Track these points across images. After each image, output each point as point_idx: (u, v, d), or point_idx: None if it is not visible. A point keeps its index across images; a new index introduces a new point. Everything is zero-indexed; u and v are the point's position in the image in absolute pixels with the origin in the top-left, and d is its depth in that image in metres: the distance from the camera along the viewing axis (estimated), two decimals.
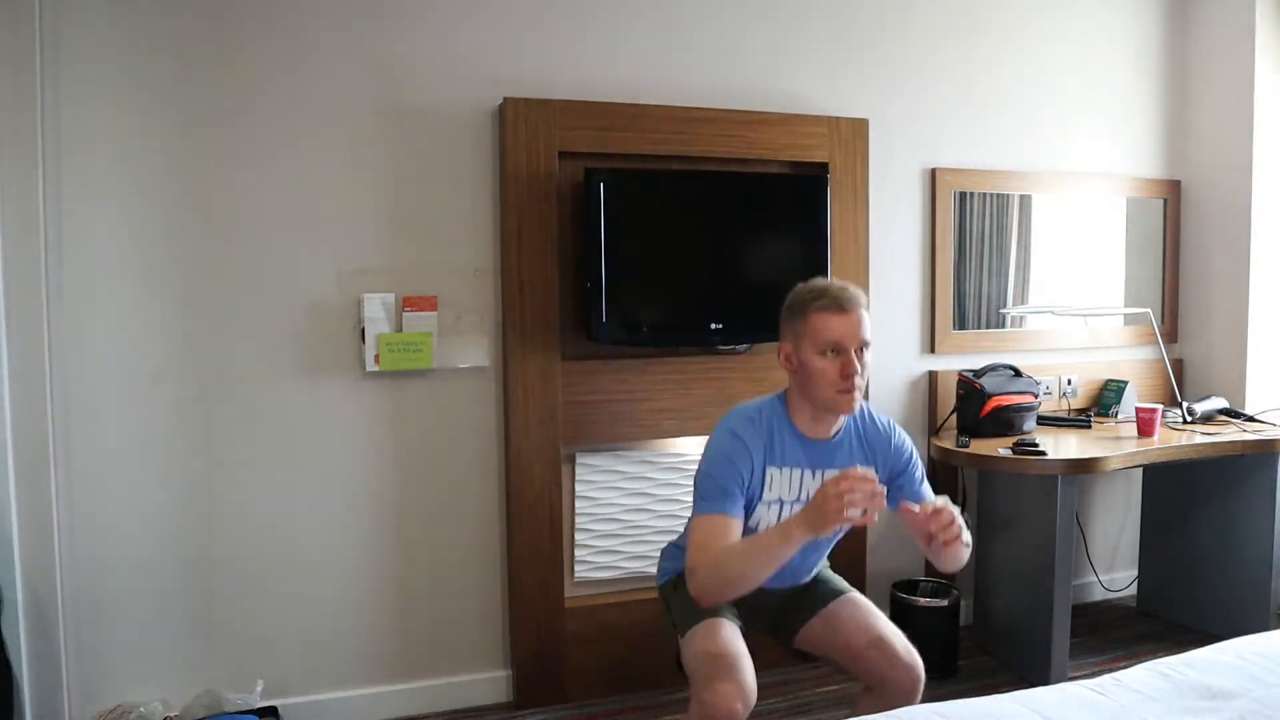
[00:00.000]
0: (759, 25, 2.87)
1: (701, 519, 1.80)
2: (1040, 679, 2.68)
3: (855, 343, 1.79)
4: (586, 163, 2.61)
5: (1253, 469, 3.01)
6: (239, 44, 2.40)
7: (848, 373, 1.78)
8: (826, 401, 1.82)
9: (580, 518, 2.75)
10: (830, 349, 1.78)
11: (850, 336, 1.78)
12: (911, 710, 1.52)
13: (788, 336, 1.87)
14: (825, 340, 1.78)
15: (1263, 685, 1.59)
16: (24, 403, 2.24)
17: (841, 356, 1.78)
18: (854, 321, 1.79)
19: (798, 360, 1.83)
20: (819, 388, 1.81)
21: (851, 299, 1.80)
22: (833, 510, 1.58)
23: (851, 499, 1.56)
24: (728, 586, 1.75)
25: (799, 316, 1.83)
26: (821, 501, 1.61)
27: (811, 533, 1.64)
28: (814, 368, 1.80)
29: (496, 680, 2.73)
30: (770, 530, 1.74)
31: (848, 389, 1.79)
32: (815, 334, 1.79)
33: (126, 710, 2.31)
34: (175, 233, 2.38)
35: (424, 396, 2.61)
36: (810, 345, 1.80)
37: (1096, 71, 3.36)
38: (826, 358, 1.79)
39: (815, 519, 1.62)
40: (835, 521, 1.59)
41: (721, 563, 1.74)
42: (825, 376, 1.79)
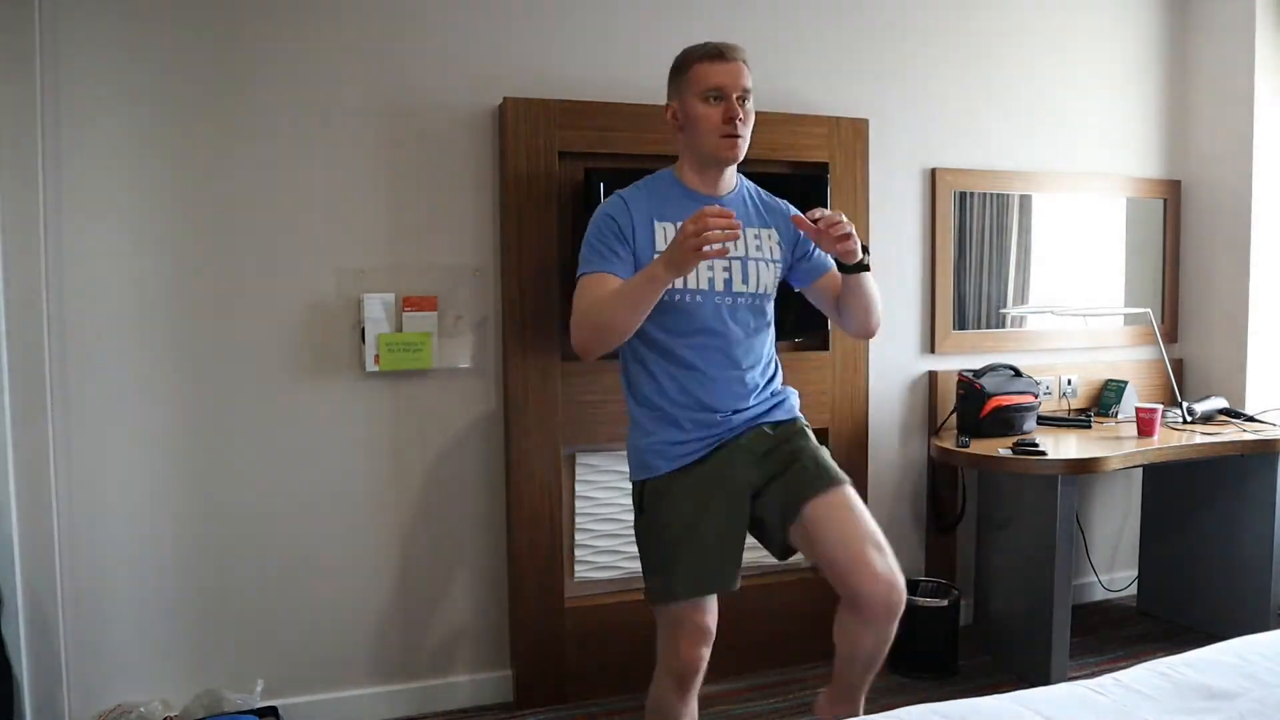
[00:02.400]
0: (759, 25, 2.87)
1: (582, 280, 1.83)
2: (1040, 679, 2.69)
3: (737, 89, 1.82)
4: (586, 163, 2.61)
5: (1253, 469, 3.01)
6: (238, 44, 2.40)
7: (730, 116, 1.80)
8: (711, 148, 1.84)
9: (580, 518, 2.75)
10: (712, 95, 1.81)
11: (732, 82, 1.82)
12: (911, 710, 1.52)
13: (673, 94, 1.90)
14: (706, 86, 1.81)
15: (1263, 685, 1.58)
16: (24, 403, 2.24)
17: (724, 102, 1.81)
18: (735, 69, 1.83)
19: (683, 114, 1.86)
20: (703, 135, 1.83)
21: (731, 47, 1.84)
22: (690, 244, 1.60)
23: (708, 233, 1.58)
24: (601, 330, 1.77)
25: (682, 71, 1.87)
26: (679, 238, 1.63)
27: (671, 269, 1.66)
28: (697, 114, 1.83)
29: (496, 680, 2.73)
30: (637, 274, 1.76)
31: (731, 133, 1.81)
32: (697, 82, 1.83)
33: (126, 710, 2.31)
34: (175, 233, 2.38)
35: (424, 396, 2.61)
36: (693, 94, 1.83)
37: (1096, 71, 3.36)
38: (709, 104, 1.81)
39: (674, 255, 1.64)
40: (693, 259, 1.62)
41: (594, 306, 1.77)
42: (709, 122, 1.82)
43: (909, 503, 3.18)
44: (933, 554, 3.20)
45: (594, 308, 1.78)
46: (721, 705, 2.66)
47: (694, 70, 1.84)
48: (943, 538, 3.18)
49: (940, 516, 3.15)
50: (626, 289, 1.75)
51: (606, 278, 1.80)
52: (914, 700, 2.35)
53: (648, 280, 1.70)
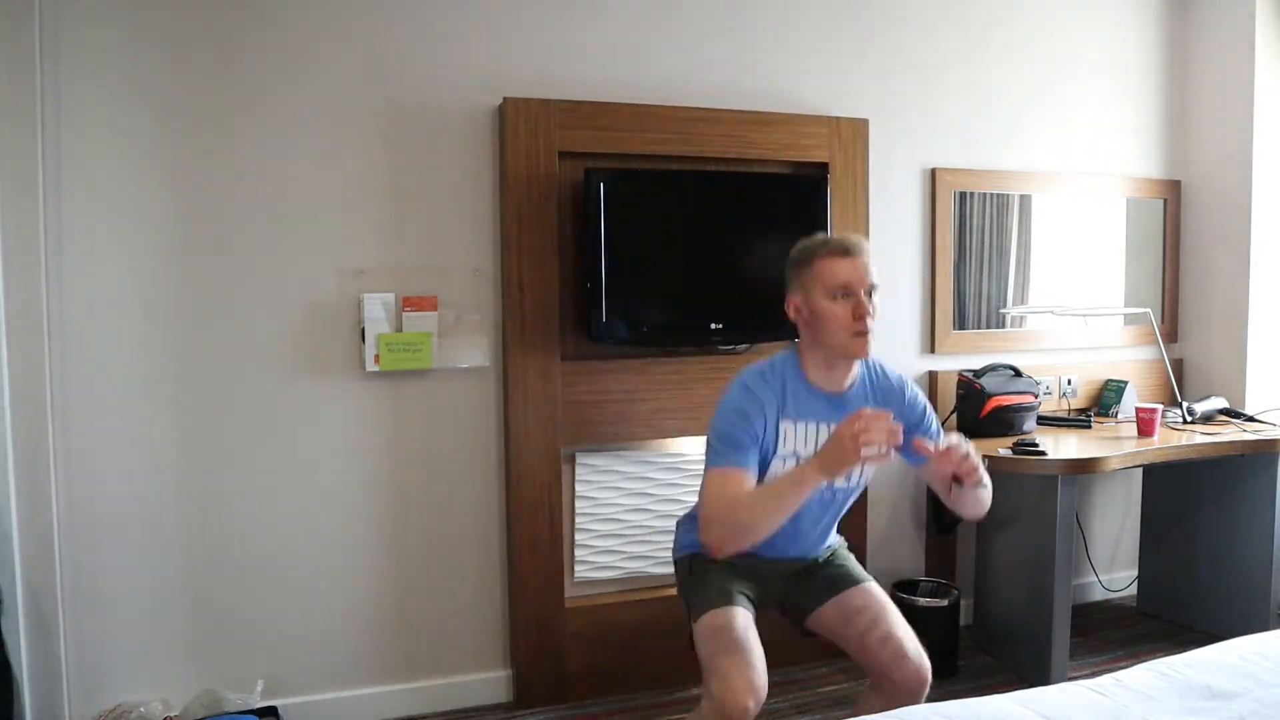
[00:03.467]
0: (759, 25, 2.87)
1: (715, 472, 1.79)
2: (1040, 679, 2.68)
3: (864, 285, 1.80)
4: (586, 163, 2.61)
5: (1253, 469, 3.01)
6: (239, 44, 2.40)
7: (860, 314, 1.79)
8: (840, 346, 1.82)
9: (580, 518, 2.75)
10: (840, 292, 1.80)
11: (859, 279, 1.80)
12: (911, 710, 1.52)
13: (796, 289, 1.87)
14: (834, 284, 1.80)
15: (1263, 685, 1.59)
16: (24, 403, 2.24)
17: (852, 299, 1.79)
18: (861, 264, 1.81)
19: (808, 310, 1.84)
20: (832, 333, 1.81)
21: (856, 244, 1.83)
22: (849, 449, 1.58)
23: (868, 437, 1.57)
24: (742, 532, 1.74)
25: (805, 265, 1.85)
26: (837, 441, 1.61)
27: (826, 474, 1.65)
28: (826, 313, 1.81)
29: (496, 680, 2.73)
30: (785, 474, 1.74)
31: (861, 330, 1.79)
32: (824, 279, 1.81)
33: (126, 710, 2.31)
34: (175, 233, 2.38)
35: (424, 396, 2.61)
36: (820, 291, 1.81)
37: (1097, 71, 3.36)
38: (837, 302, 1.80)
39: (830, 458, 1.63)
40: (852, 459, 1.60)
41: (735, 508, 1.74)
42: (838, 321, 1.80)
43: (909, 503, 3.18)
44: (933, 554, 3.20)
45: (736, 509, 1.74)
46: None
47: (819, 267, 1.82)
48: (943, 538, 3.18)
49: (940, 516, 3.15)
50: (777, 490, 1.73)
51: (744, 474, 1.77)
52: None
53: (799, 482, 1.68)
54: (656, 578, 2.83)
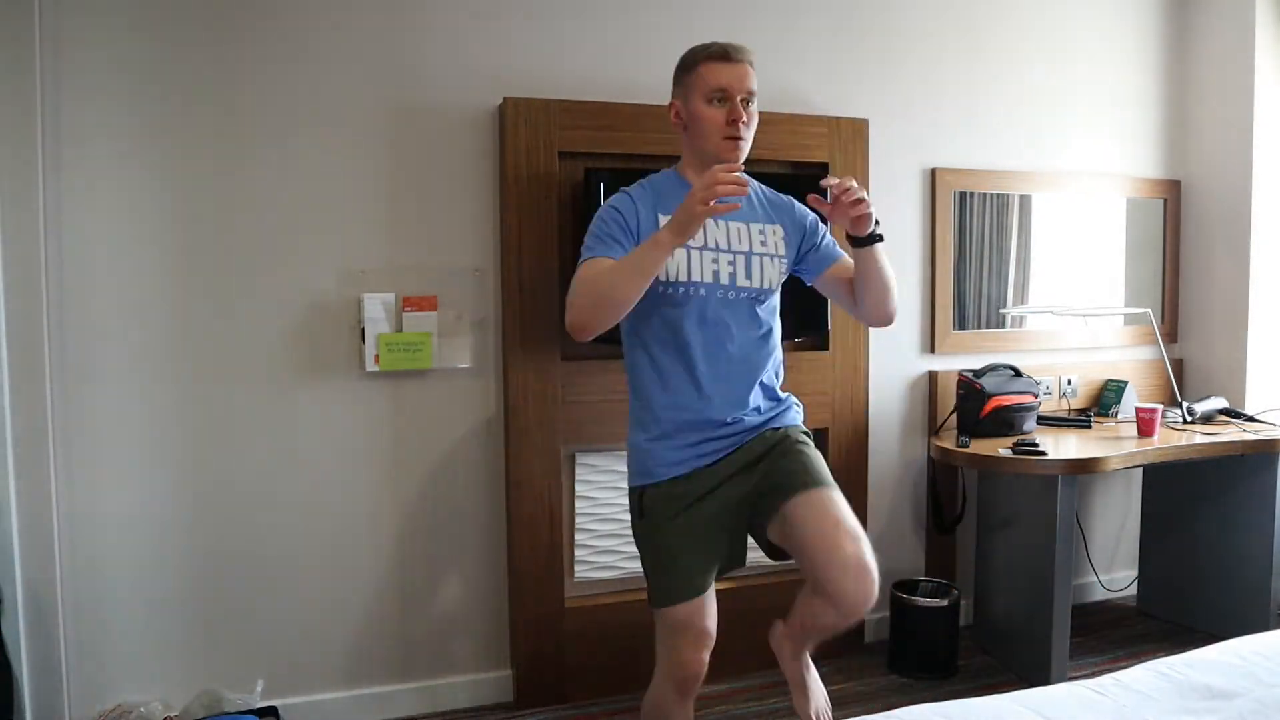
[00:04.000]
0: (759, 25, 2.87)
1: (582, 264, 1.80)
2: (1040, 679, 2.68)
3: (741, 91, 1.82)
4: (586, 163, 2.61)
5: (1253, 469, 3.01)
6: (239, 44, 2.40)
7: (733, 118, 1.81)
8: (713, 149, 1.83)
9: (580, 518, 2.75)
10: (716, 96, 1.82)
11: (737, 84, 1.82)
12: (911, 710, 1.52)
13: (677, 92, 1.89)
14: (711, 87, 1.81)
15: (1263, 685, 1.59)
16: (24, 403, 2.24)
17: (728, 104, 1.81)
18: (741, 71, 1.83)
19: (686, 112, 1.86)
20: (706, 137, 1.83)
21: (739, 49, 1.84)
22: (699, 200, 1.60)
23: (717, 189, 1.59)
24: (602, 303, 1.73)
25: (688, 69, 1.86)
26: (687, 199, 1.64)
27: (679, 231, 1.65)
28: (701, 116, 1.83)
29: (496, 680, 2.73)
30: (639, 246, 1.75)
31: (734, 135, 1.82)
32: (702, 82, 1.82)
33: (126, 710, 2.31)
34: (175, 233, 2.38)
35: (424, 396, 2.61)
36: (698, 94, 1.83)
37: (1096, 71, 3.36)
38: (713, 106, 1.82)
39: (682, 214, 1.64)
40: (701, 212, 1.61)
41: (595, 280, 1.74)
42: (712, 124, 1.82)
43: (909, 503, 3.18)
44: (933, 554, 3.20)
45: (593, 279, 1.75)
46: (721, 705, 2.66)
47: (699, 70, 1.83)
48: (943, 538, 3.18)
49: (940, 516, 3.15)
50: (629, 256, 1.74)
51: (608, 261, 1.77)
52: (914, 700, 2.36)
53: (652, 245, 1.68)
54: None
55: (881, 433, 3.10)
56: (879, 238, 1.85)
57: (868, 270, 1.88)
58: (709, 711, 2.60)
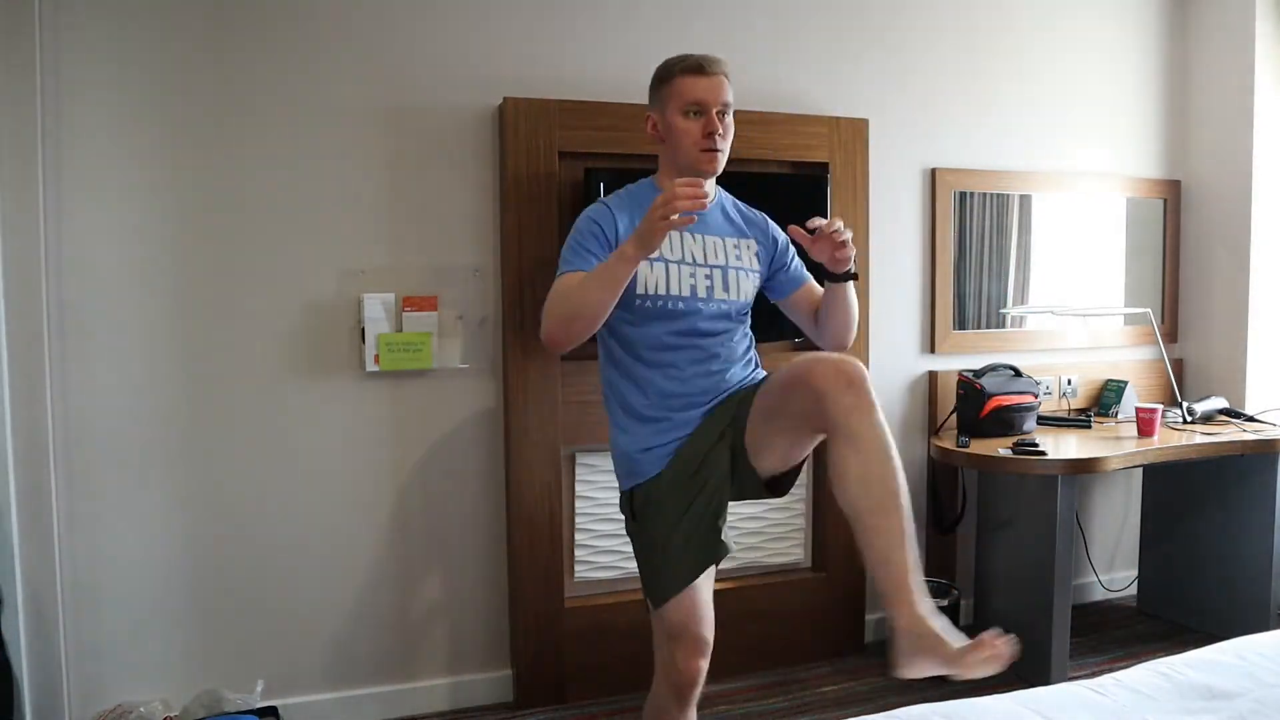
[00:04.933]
0: (759, 25, 2.87)
1: (559, 278, 1.81)
2: (1040, 679, 2.68)
3: (717, 103, 1.83)
4: (586, 163, 2.61)
5: (1253, 469, 3.01)
6: (239, 44, 2.40)
7: (710, 130, 1.82)
8: (690, 162, 1.85)
9: (580, 518, 2.75)
10: (693, 109, 1.83)
11: (713, 98, 1.83)
12: (911, 710, 1.52)
13: (654, 105, 1.91)
14: (688, 100, 1.83)
15: (1263, 685, 1.59)
16: (24, 403, 2.24)
17: (704, 116, 1.83)
18: (717, 84, 1.83)
19: (663, 125, 1.88)
20: (682, 149, 1.85)
21: (714, 61, 1.85)
22: (658, 216, 1.61)
23: (676, 204, 1.59)
24: (574, 317, 1.75)
25: (664, 82, 1.88)
26: (648, 214, 1.64)
27: (642, 245, 1.65)
28: (678, 128, 1.84)
29: (497, 680, 2.73)
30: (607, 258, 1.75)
31: (710, 147, 1.83)
32: (679, 95, 1.84)
33: (126, 710, 2.31)
34: (175, 233, 2.38)
35: (424, 396, 2.61)
36: (674, 107, 1.85)
37: (1097, 71, 3.36)
38: (689, 118, 1.83)
39: (643, 229, 1.64)
40: (662, 226, 1.61)
41: (566, 294, 1.75)
42: (689, 137, 1.83)
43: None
44: (933, 554, 3.19)
45: (565, 294, 1.77)
46: (721, 705, 2.66)
47: (675, 84, 1.85)
48: (943, 538, 3.18)
49: (940, 516, 3.15)
50: (596, 270, 1.74)
51: (583, 275, 1.78)
52: (914, 700, 2.35)
53: (618, 259, 1.69)
54: None
55: None
56: (854, 275, 1.88)
57: (835, 304, 1.92)
58: (709, 712, 2.60)
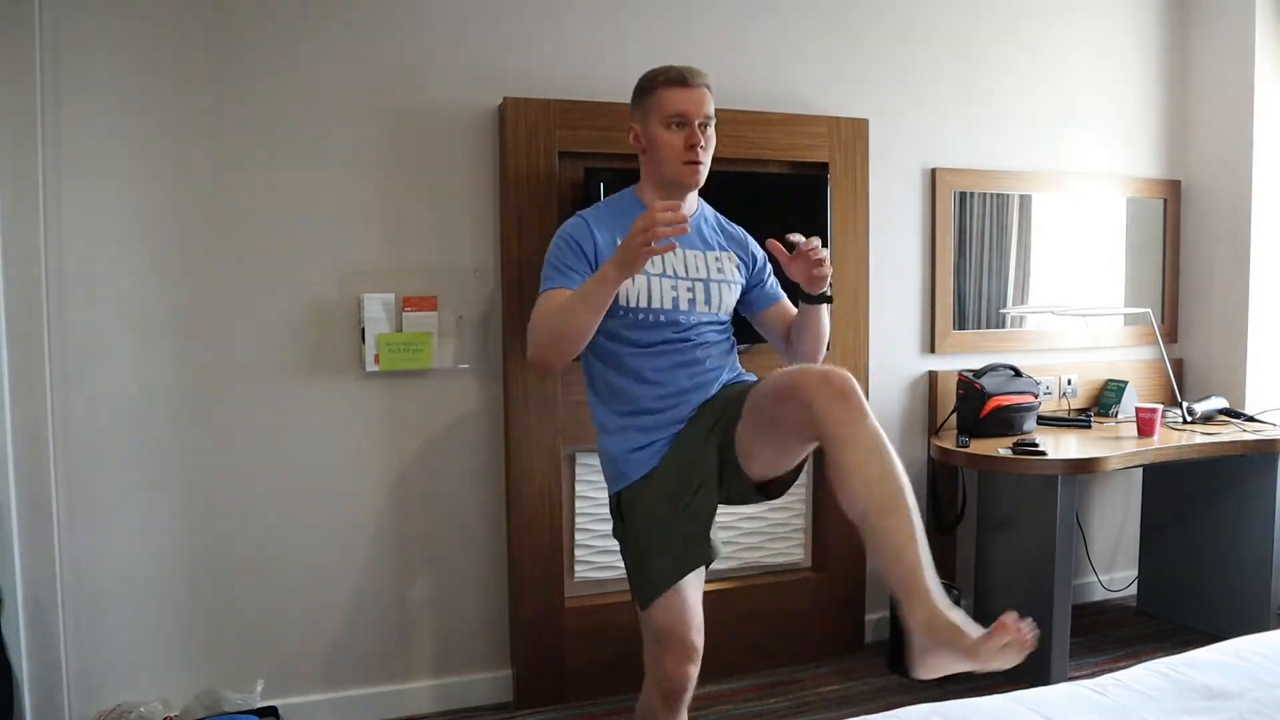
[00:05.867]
0: (759, 25, 2.87)
1: (541, 297, 1.82)
2: (1040, 679, 2.68)
3: (699, 115, 1.84)
4: (586, 163, 2.61)
5: (1253, 469, 3.01)
6: (239, 44, 2.40)
7: (692, 143, 1.83)
8: (673, 174, 1.86)
9: (580, 518, 2.75)
10: (675, 121, 1.83)
11: (695, 110, 1.83)
12: (911, 710, 1.52)
13: (636, 116, 1.91)
14: (670, 112, 1.83)
15: (1263, 685, 1.59)
16: (24, 403, 2.24)
17: (686, 129, 1.83)
18: (699, 96, 1.84)
19: (645, 137, 1.88)
20: (664, 161, 1.86)
21: (696, 73, 1.85)
22: (639, 242, 1.61)
23: (656, 230, 1.59)
24: (557, 339, 1.76)
25: (646, 94, 1.88)
26: (628, 238, 1.64)
27: (622, 269, 1.66)
28: (660, 140, 1.85)
29: (496, 680, 2.73)
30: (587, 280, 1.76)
31: (693, 159, 1.84)
32: (660, 107, 1.84)
33: (126, 710, 2.31)
34: (175, 233, 2.38)
35: (424, 396, 2.61)
36: (656, 119, 1.85)
37: (1096, 72, 3.36)
38: (672, 130, 1.84)
39: (623, 253, 1.65)
40: (642, 252, 1.61)
41: (548, 317, 1.76)
42: (671, 149, 1.84)
43: None
44: (933, 554, 3.17)
45: (548, 316, 1.77)
46: (722, 705, 2.66)
47: (657, 96, 1.86)
48: (943, 538, 3.18)
49: (940, 516, 3.15)
50: (578, 292, 1.75)
51: (564, 294, 1.79)
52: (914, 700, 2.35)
53: (599, 282, 1.70)
54: None
55: None
56: (829, 298, 1.90)
57: (808, 324, 1.94)
58: (708, 712, 2.60)
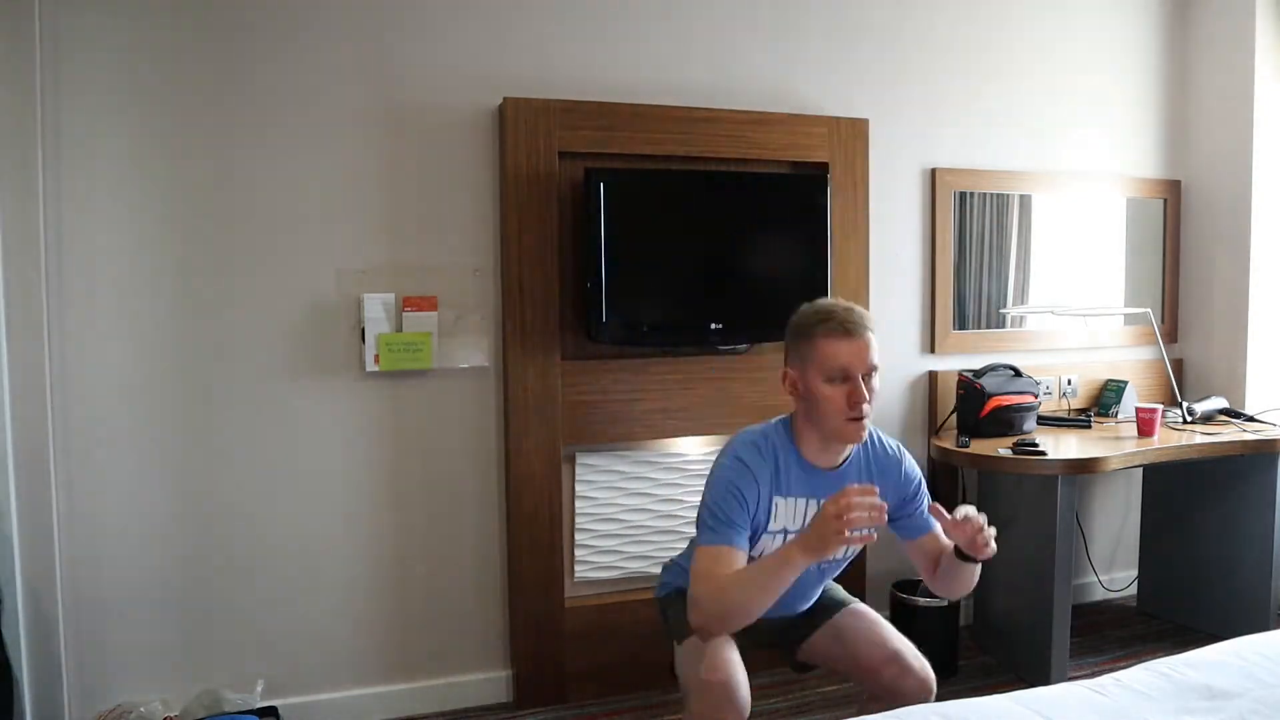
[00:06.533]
0: (759, 25, 2.87)
1: (704, 550, 1.74)
2: (1040, 679, 2.68)
3: (864, 368, 1.73)
4: (586, 163, 2.61)
5: (1253, 469, 3.01)
6: (239, 44, 2.40)
7: (856, 400, 1.72)
8: (834, 431, 1.76)
9: (580, 518, 2.75)
10: (839, 376, 1.72)
11: (858, 362, 1.72)
12: (911, 710, 1.52)
13: (793, 362, 1.80)
14: (833, 367, 1.72)
15: (1263, 685, 1.59)
16: (24, 403, 2.24)
17: (849, 383, 1.72)
18: (862, 346, 1.73)
19: (804, 387, 1.77)
20: (826, 417, 1.75)
21: (859, 323, 1.74)
22: (832, 531, 1.54)
23: (850, 517, 1.53)
24: (729, 616, 1.70)
25: (805, 340, 1.76)
26: (821, 521, 1.57)
27: (811, 555, 1.60)
28: (821, 395, 1.74)
29: (496, 680, 2.73)
30: (770, 555, 1.69)
31: (856, 417, 1.73)
32: (822, 360, 1.73)
33: (126, 710, 2.31)
34: (175, 233, 2.38)
35: (424, 396, 2.61)
36: (817, 372, 1.74)
37: (1096, 71, 3.36)
38: (834, 385, 1.73)
39: (815, 542, 1.58)
40: (836, 543, 1.55)
41: (723, 591, 1.68)
42: (833, 405, 1.73)
43: None
44: None
45: (724, 593, 1.68)
46: None
47: (817, 346, 1.74)
48: None
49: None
50: (763, 572, 1.67)
51: (735, 553, 1.71)
52: None
53: (783, 564, 1.62)
54: (657, 578, 2.83)
55: None
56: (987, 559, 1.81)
57: (961, 574, 1.82)
58: None
